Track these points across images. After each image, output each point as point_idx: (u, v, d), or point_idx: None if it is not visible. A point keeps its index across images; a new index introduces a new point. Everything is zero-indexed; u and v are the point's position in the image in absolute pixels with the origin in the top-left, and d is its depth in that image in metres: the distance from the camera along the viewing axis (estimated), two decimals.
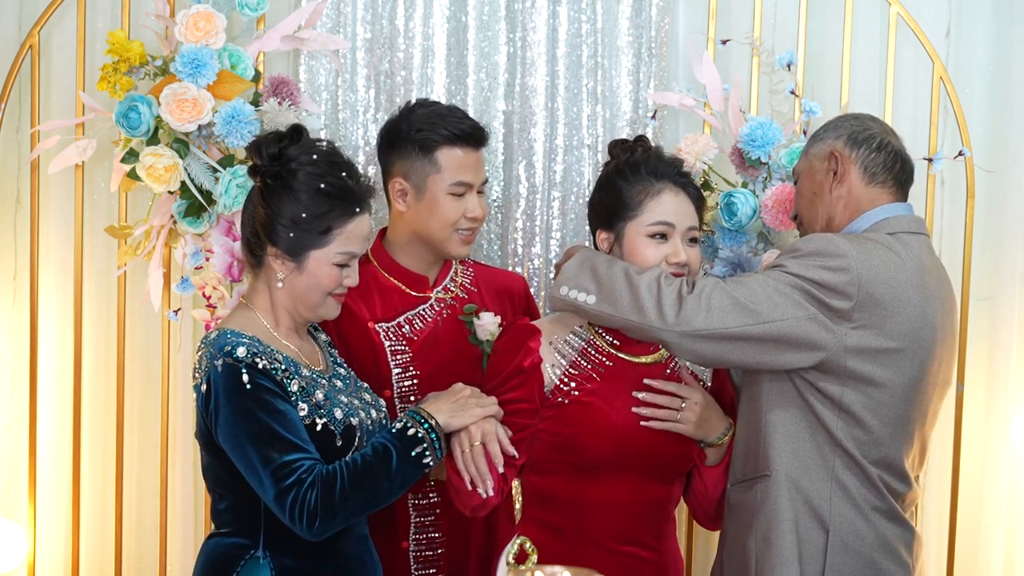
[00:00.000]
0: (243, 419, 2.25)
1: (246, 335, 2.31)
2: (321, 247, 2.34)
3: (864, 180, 2.49)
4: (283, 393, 2.28)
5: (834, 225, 2.51)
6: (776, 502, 2.42)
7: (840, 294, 2.34)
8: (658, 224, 2.50)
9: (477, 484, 2.36)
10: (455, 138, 2.69)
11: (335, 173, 2.35)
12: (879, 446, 2.41)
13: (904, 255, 2.41)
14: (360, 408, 2.40)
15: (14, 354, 3.27)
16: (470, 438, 2.37)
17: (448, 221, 2.70)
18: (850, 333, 2.35)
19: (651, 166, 2.54)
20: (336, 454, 2.31)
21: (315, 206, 2.33)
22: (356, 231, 2.36)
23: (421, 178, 2.69)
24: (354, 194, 2.36)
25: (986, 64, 3.37)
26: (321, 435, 2.30)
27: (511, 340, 2.56)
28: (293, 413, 2.28)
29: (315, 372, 2.39)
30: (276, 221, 2.34)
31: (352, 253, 2.37)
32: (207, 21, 2.83)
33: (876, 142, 2.50)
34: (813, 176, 2.54)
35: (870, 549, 2.42)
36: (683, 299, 2.37)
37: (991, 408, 3.39)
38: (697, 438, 2.54)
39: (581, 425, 2.48)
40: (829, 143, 2.51)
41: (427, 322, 2.76)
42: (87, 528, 3.24)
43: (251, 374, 2.25)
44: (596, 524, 2.50)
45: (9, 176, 3.26)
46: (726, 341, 2.36)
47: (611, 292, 2.43)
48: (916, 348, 2.39)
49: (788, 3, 3.26)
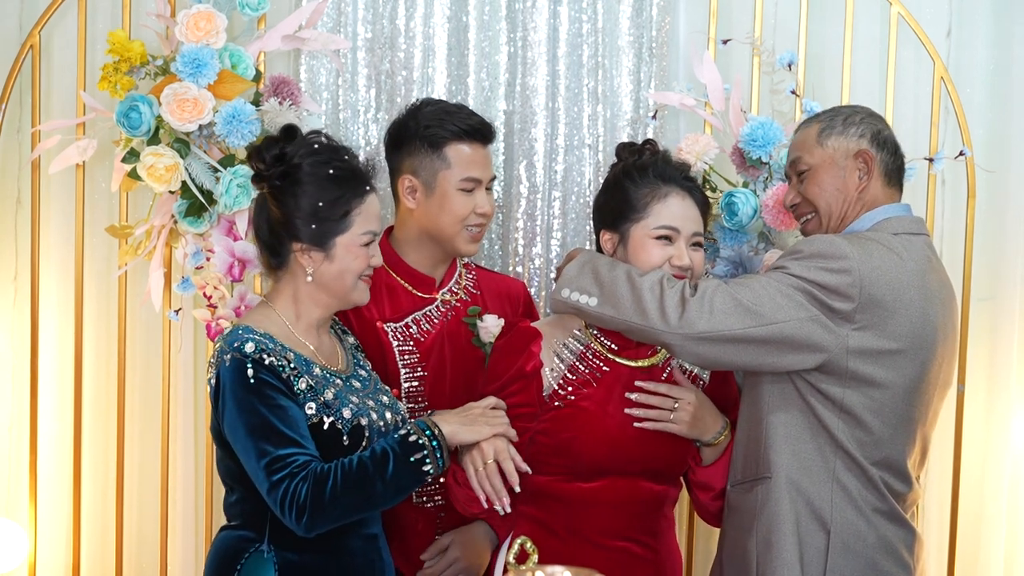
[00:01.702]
0: (244, 412, 2.27)
1: (259, 331, 2.33)
2: (345, 231, 2.39)
3: (883, 181, 2.51)
4: (287, 390, 2.29)
5: (847, 218, 2.51)
6: (777, 504, 2.42)
7: (842, 296, 2.34)
8: (663, 228, 2.50)
9: (493, 501, 2.34)
10: (464, 133, 2.71)
11: (339, 157, 2.41)
12: (880, 447, 2.41)
13: (906, 256, 2.41)
14: (373, 409, 2.41)
15: (15, 354, 3.26)
16: (483, 456, 2.35)
17: (459, 217, 2.71)
18: (852, 334, 2.35)
19: (659, 169, 2.54)
20: (343, 453, 2.32)
21: (329, 193, 2.37)
22: (371, 209, 2.41)
23: (431, 174, 2.71)
24: (362, 174, 2.42)
25: (987, 64, 3.37)
26: (328, 434, 2.32)
27: (512, 342, 2.56)
28: (295, 410, 2.29)
29: (329, 371, 2.40)
30: (294, 217, 2.37)
31: (373, 231, 2.42)
32: (208, 21, 2.83)
33: (892, 145, 2.53)
34: (834, 170, 2.52)
35: (871, 550, 2.42)
36: (686, 301, 2.36)
37: (992, 408, 3.39)
38: (692, 438, 2.54)
39: (576, 430, 2.49)
40: (854, 141, 2.51)
41: (434, 323, 2.76)
42: (87, 528, 3.23)
43: (256, 368, 2.28)
44: (589, 521, 2.51)
45: (10, 176, 3.26)
46: (728, 343, 2.36)
47: (613, 294, 2.43)
48: (917, 349, 2.39)
49: (789, 3, 3.26)
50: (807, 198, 2.56)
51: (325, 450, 2.31)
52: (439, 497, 2.72)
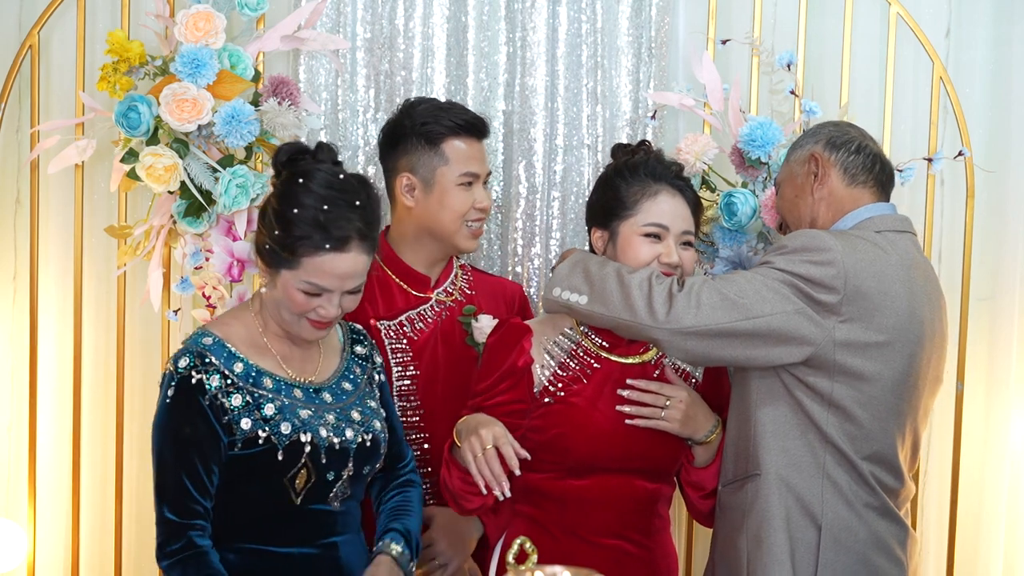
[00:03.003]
0: (158, 431, 2.33)
1: (215, 336, 2.35)
2: (290, 268, 2.31)
3: (844, 181, 2.53)
4: (209, 411, 2.29)
5: (817, 225, 2.54)
6: (767, 500, 2.43)
7: (827, 288, 2.36)
8: (652, 225, 2.52)
9: (493, 487, 2.33)
10: (459, 128, 2.72)
11: (317, 204, 2.28)
12: (870, 441, 2.41)
13: (890, 250, 2.43)
14: (327, 426, 2.37)
15: (14, 354, 3.26)
16: (481, 442, 2.35)
17: (459, 212, 2.72)
18: (838, 327, 2.37)
19: (650, 167, 2.56)
20: (277, 469, 2.31)
21: (285, 227, 2.30)
22: (326, 267, 2.29)
23: (429, 171, 2.71)
24: (326, 231, 2.28)
25: (986, 64, 3.37)
26: (264, 448, 2.31)
27: (503, 339, 2.57)
28: (204, 435, 2.29)
29: (286, 381, 2.38)
30: (262, 224, 2.36)
31: (319, 287, 2.31)
32: (207, 21, 2.82)
33: (855, 145, 2.54)
34: (794, 180, 2.58)
35: (863, 546, 2.42)
36: (673, 297, 2.38)
37: (991, 408, 3.39)
38: (684, 436, 2.54)
39: (565, 426, 2.49)
40: (808, 148, 2.56)
41: (428, 323, 2.77)
42: (87, 528, 3.24)
43: (177, 389, 2.30)
44: (582, 519, 2.51)
45: (9, 176, 3.26)
46: (716, 337, 2.38)
47: (602, 292, 2.44)
48: (904, 341, 2.40)
49: (788, 3, 3.26)
50: (781, 214, 2.65)
51: (258, 466, 2.31)
52: (432, 498, 2.73)
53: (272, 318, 2.40)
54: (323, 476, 2.36)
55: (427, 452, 2.75)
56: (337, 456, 2.38)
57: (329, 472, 2.37)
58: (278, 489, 2.33)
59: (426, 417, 2.76)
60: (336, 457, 2.37)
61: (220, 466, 2.31)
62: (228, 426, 2.31)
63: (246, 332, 2.39)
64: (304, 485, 2.35)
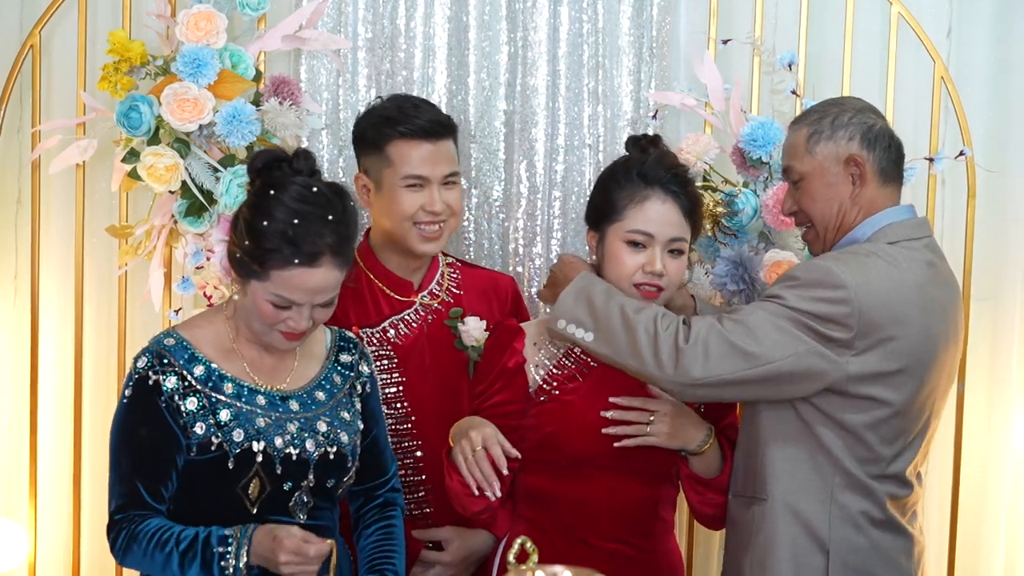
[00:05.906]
0: (114, 431, 2.31)
1: (180, 337, 2.32)
2: (259, 280, 2.25)
3: (879, 181, 2.44)
4: (162, 413, 2.26)
5: (844, 226, 2.45)
6: (772, 529, 2.40)
7: (840, 325, 2.31)
8: (636, 232, 2.47)
9: (484, 488, 2.33)
10: (408, 132, 2.65)
11: (288, 218, 2.21)
12: (881, 462, 2.38)
13: (904, 267, 2.37)
14: (285, 435, 2.31)
15: (14, 354, 3.26)
16: (471, 444, 2.35)
17: (404, 215, 2.65)
18: (852, 361, 2.32)
19: (645, 170, 2.49)
20: (229, 476, 2.27)
21: (255, 239, 2.23)
22: (295, 282, 2.22)
23: (378, 173, 2.69)
24: (296, 246, 2.21)
25: (987, 63, 3.37)
26: (216, 454, 2.27)
27: (495, 341, 2.58)
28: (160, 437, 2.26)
29: (250, 387, 2.33)
30: (235, 234, 2.30)
31: (287, 299, 2.24)
32: (208, 21, 2.83)
33: (887, 139, 2.45)
34: (825, 178, 2.45)
35: (871, 564, 2.39)
36: (679, 350, 2.32)
37: (992, 408, 3.39)
38: (675, 448, 2.51)
39: (558, 424, 2.49)
40: (843, 145, 2.43)
41: (412, 328, 2.73)
42: (87, 528, 3.23)
43: (135, 388, 2.28)
44: (580, 522, 2.51)
45: (10, 176, 3.25)
46: (727, 386, 2.34)
47: (608, 332, 2.40)
48: (917, 365, 2.36)
49: (789, 3, 3.26)
50: (802, 208, 2.51)
51: (212, 472, 2.27)
52: (427, 506, 2.71)
53: (246, 324, 2.35)
54: (279, 486, 2.30)
55: (420, 460, 2.72)
56: (295, 467, 2.31)
57: (286, 483, 2.30)
58: (233, 497, 2.29)
59: (417, 423, 2.71)
60: (293, 468, 2.31)
61: (177, 470, 2.28)
62: (184, 428, 2.27)
63: (215, 335, 2.34)
64: (259, 495, 2.29)
